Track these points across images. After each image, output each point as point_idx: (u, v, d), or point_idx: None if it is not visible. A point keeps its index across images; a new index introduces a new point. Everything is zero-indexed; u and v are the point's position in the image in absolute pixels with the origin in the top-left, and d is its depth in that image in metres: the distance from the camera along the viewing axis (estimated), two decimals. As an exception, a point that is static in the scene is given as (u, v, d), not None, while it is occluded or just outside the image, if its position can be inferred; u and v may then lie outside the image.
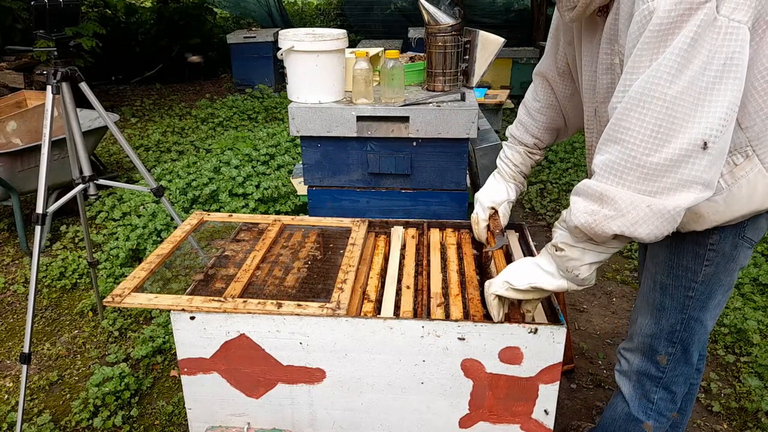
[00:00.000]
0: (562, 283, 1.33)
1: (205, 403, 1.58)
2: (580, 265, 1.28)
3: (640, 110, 1.11)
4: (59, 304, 3.12)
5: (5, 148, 3.57)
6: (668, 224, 1.15)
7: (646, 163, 1.12)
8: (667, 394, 1.59)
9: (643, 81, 1.10)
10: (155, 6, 8.91)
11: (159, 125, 6.20)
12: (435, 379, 1.47)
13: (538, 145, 1.76)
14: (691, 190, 1.12)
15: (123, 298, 1.50)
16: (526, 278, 1.36)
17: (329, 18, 11.55)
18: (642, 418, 1.62)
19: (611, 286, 3.23)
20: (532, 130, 1.75)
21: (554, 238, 1.33)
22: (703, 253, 1.39)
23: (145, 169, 2.43)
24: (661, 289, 1.49)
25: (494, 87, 6.01)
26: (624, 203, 1.14)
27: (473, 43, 2.21)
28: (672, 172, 1.11)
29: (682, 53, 1.06)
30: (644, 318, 1.55)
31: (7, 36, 5.82)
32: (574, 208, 1.23)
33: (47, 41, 2.13)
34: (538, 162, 1.81)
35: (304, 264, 1.77)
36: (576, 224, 1.22)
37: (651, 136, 1.10)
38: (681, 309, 1.47)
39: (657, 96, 1.09)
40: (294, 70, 2.03)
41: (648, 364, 1.57)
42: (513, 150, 1.79)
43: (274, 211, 3.89)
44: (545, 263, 1.36)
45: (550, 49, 1.65)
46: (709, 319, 1.49)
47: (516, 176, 1.80)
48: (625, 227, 1.16)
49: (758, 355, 2.55)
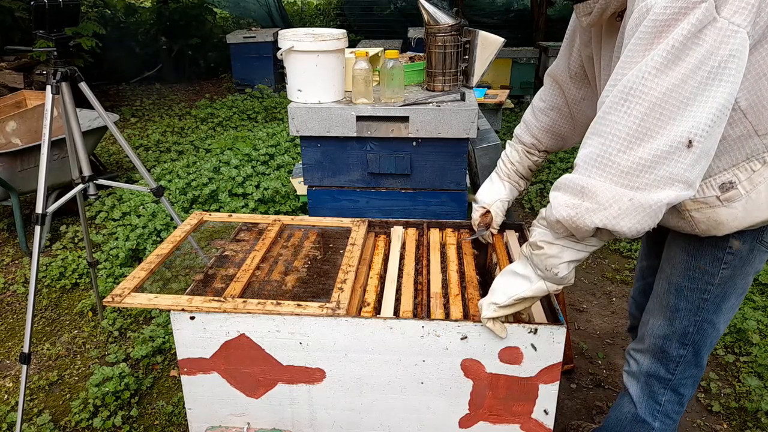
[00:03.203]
0: (539, 285, 1.31)
1: (205, 403, 1.58)
2: (559, 263, 1.27)
3: (626, 104, 1.10)
4: (59, 304, 3.12)
5: (5, 148, 3.57)
6: (650, 219, 1.13)
7: (629, 157, 1.10)
8: (675, 396, 1.58)
9: (632, 76, 1.09)
10: (155, 6, 8.90)
11: (159, 125, 6.20)
12: (435, 379, 1.47)
13: (536, 146, 1.75)
14: (673, 187, 1.11)
15: (123, 298, 1.50)
16: (507, 292, 1.34)
17: (329, 18, 11.54)
18: (649, 420, 1.62)
19: (611, 286, 3.23)
20: (533, 129, 1.74)
21: (532, 237, 1.31)
22: (722, 256, 1.39)
23: (144, 169, 2.43)
24: (676, 291, 1.48)
25: (494, 87, 6.01)
26: (605, 196, 1.13)
27: (473, 43, 2.21)
28: (655, 168, 1.10)
29: (675, 51, 1.06)
30: (657, 319, 1.54)
31: (7, 36, 5.82)
32: (555, 202, 1.21)
33: (47, 41, 2.13)
34: (538, 165, 1.79)
35: (304, 264, 1.77)
36: (557, 218, 1.20)
37: (636, 130, 1.09)
38: (695, 311, 1.46)
39: (644, 91, 1.08)
40: (294, 70, 2.03)
41: (658, 366, 1.56)
42: (512, 148, 1.79)
43: (274, 211, 3.89)
44: (520, 267, 1.34)
45: (564, 51, 1.63)
46: (722, 322, 1.49)
47: (511, 175, 1.79)
48: (608, 220, 1.14)
49: (758, 355, 2.56)
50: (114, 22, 8.34)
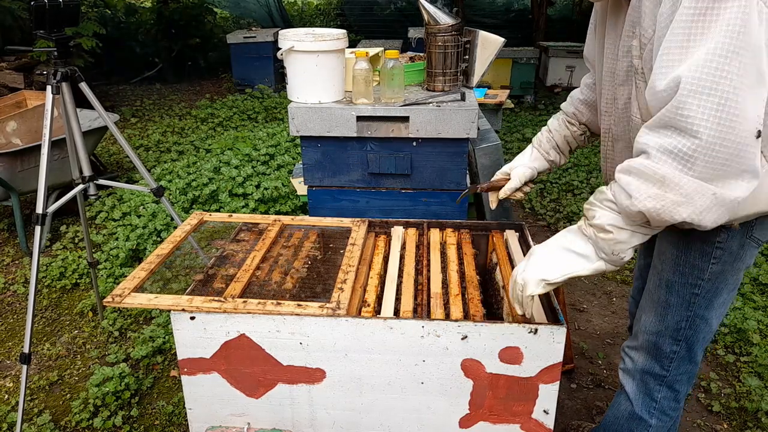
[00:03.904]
0: (599, 265, 1.29)
1: (205, 403, 1.58)
2: (627, 248, 1.26)
3: (699, 98, 1.09)
4: (59, 304, 3.12)
5: (5, 148, 3.57)
6: (728, 214, 1.15)
7: (712, 152, 1.10)
8: (671, 392, 1.59)
9: (698, 67, 1.08)
10: (155, 6, 8.90)
11: (159, 125, 6.20)
12: (435, 379, 1.47)
13: (576, 116, 1.75)
14: (748, 179, 1.12)
15: (123, 298, 1.50)
16: (561, 269, 1.31)
17: (329, 18, 11.54)
18: (645, 417, 1.63)
19: (611, 286, 3.23)
20: (575, 100, 1.75)
21: (596, 219, 1.27)
22: (711, 251, 1.40)
23: (145, 169, 2.43)
24: (667, 286, 1.49)
25: (494, 87, 6.01)
26: (690, 190, 1.13)
27: (473, 43, 2.22)
28: (734, 162, 1.11)
29: (733, 38, 1.05)
30: (649, 316, 1.55)
31: (7, 36, 5.82)
32: (637, 193, 1.18)
33: (47, 41, 2.13)
34: (576, 138, 1.76)
35: (304, 264, 1.77)
36: (641, 209, 1.18)
37: (716, 125, 1.09)
38: (687, 306, 1.47)
39: (716, 84, 1.07)
40: (294, 70, 2.04)
41: (652, 363, 1.57)
42: (554, 118, 1.80)
43: (274, 211, 3.89)
44: (580, 246, 1.31)
45: (591, 31, 1.62)
46: (714, 318, 1.49)
47: (543, 143, 1.77)
48: (694, 215, 1.15)
49: (758, 355, 2.55)
50: (114, 22, 8.35)
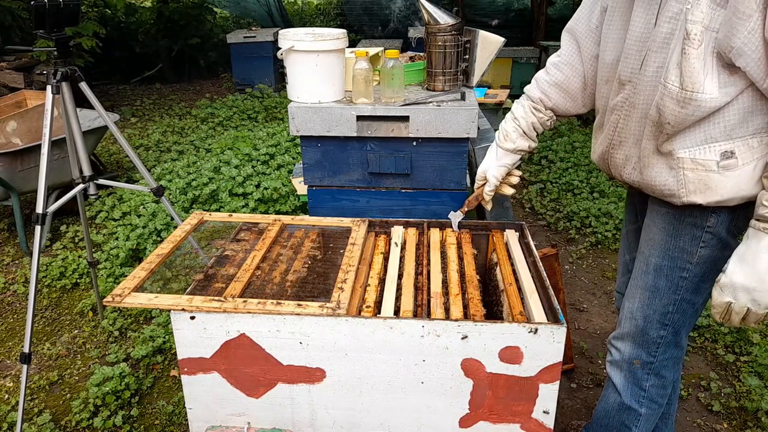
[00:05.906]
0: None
1: (205, 403, 1.58)
2: None
3: None
4: (59, 304, 3.12)
5: (5, 148, 3.57)
6: None
7: None
8: (659, 380, 1.61)
9: None
10: (155, 6, 8.90)
11: (159, 125, 6.20)
12: (435, 379, 1.47)
13: (543, 102, 1.70)
14: None
15: (123, 298, 1.50)
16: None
17: (329, 18, 11.54)
18: (635, 407, 1.65)
19: (611, 286, 3.23)
20: (542, 85, 1.70)
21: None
22: (700, 235, 1.42)
23: (145, 169, 2.43)
24: (655, 271, 1.51)
25: (494, 87, 5.99)
26: None
27: (473, 43, 2.21)
28: None
29: None
30: (635, 302, 1.57)
31: (7, 36, 5.82)
32: None
33: (47, 41, 2.13)
34: (543, 124, 1.73)
35: (304, 264, 1.77)
36: None
37: None
38: (675, 290, 1.49)
39: None
40: (294, 70, 2.03)
41: (639, 351, 1.59)
42: (518, 104, 1.76)
43: (274, 210, 3.89)
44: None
45: (588, 2, 1.59)
46: (700, 302, 1.52)
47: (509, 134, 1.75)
48: None
49: (758, 355, 2.56)
50: (114, 22, 8.35)
